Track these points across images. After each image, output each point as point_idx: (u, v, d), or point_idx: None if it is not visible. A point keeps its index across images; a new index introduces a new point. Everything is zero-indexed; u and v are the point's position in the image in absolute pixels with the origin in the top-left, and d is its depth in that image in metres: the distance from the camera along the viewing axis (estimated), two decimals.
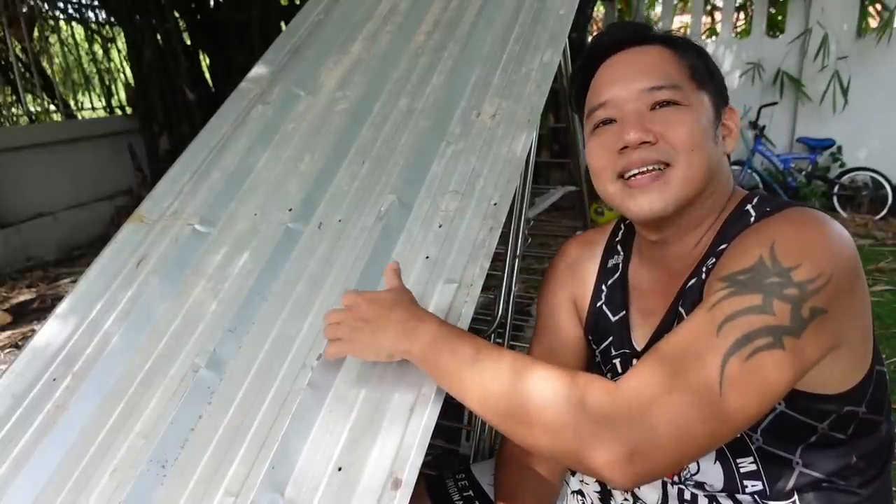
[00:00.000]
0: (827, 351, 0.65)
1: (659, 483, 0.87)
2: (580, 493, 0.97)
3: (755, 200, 0.79)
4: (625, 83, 0.79)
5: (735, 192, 0.83)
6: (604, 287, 0.95)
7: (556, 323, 0.99)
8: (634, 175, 0.77)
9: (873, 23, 5.08)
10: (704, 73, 0.81)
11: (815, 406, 0.71)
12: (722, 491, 0.80)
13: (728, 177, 0.83)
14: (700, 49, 0.84)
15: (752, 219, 0.75)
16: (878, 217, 4.58)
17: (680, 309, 0.79)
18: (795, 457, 0.75)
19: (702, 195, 0.79)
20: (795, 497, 0.76)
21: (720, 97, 0.82)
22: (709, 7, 6.42)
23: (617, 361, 0.90)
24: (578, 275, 0.98)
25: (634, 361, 0.86)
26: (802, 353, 0.62)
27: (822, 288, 0.63)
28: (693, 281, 0.78)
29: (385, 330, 0.75)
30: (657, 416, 0.59)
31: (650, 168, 0.76)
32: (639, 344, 0.87)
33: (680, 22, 7.18)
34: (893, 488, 0.81)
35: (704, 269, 0.77)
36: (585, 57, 0.86)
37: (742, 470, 0.77)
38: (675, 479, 0.84)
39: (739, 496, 0.78)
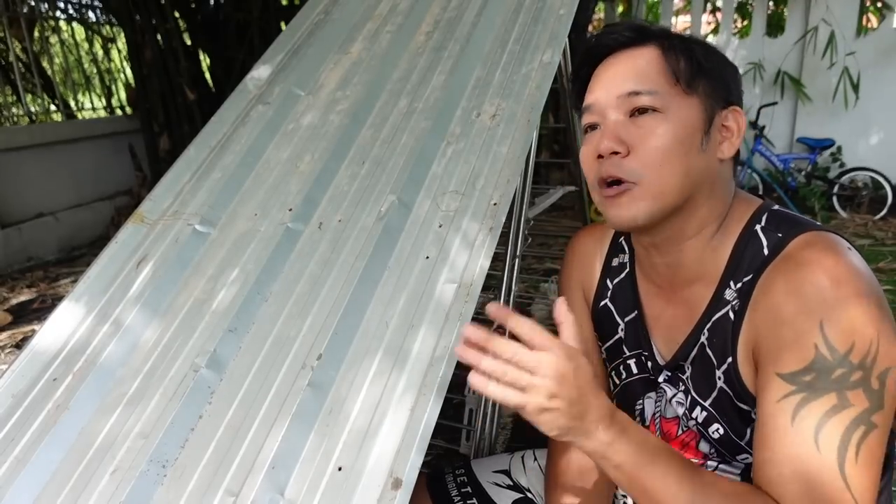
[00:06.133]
0: None
1: None
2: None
3: (764, 220, 0.78)
4: (607, 88, 0.79)
5: (737, 196, 0.82)
6: (609, 284, 0.95)
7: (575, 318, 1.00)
8: (609, 184, 0.78)
9: (872, 23, 5.08)
10: (697, 73, 0.77)
11: None
12: None
13: (726, 183, 0.81)
14: (697, 47, 0.80)
15: (765, 249, 0.75)
16: (877, 217, 4.58)
17: (703, 340, 0.80)
18: None
19: (685, 207, 0.78)
20: None
21: (718, 98, 0.79)
22: (710, 7, 6.42)
23: (631, 362, 0.91)
24: (586, 266, 0.99)
25: (664, 374, 0.87)
26: (890, 412, 0.67)
27: (877, 352, 0.66)
28: (718, 315, 0.78)
29: (583, 425, 0.66)
30: None
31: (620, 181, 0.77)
32: (661, 356, 0.87)
33: (683, 22, 7.18)
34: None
35: (730, 309, 0.77)
36: (581, 60, 0.86)
37: None
38: None
39: None
